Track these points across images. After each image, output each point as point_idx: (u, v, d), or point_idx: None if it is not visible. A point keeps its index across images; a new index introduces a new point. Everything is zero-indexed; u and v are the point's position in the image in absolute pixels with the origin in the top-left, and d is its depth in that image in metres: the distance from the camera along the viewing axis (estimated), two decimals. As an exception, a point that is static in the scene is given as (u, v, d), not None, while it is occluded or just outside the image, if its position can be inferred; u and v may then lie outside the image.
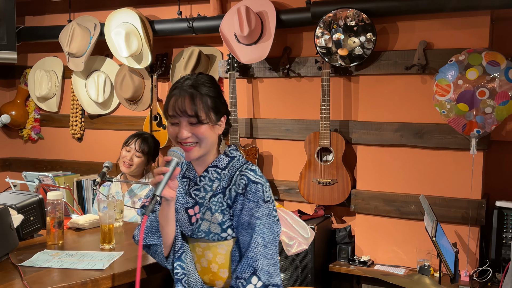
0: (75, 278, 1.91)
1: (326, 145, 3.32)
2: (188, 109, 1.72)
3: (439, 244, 2.51)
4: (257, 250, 1.74)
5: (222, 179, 1.83)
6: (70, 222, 2.72)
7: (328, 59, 3.25)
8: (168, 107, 1.76)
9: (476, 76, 2.76)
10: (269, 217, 1.77)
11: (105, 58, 4.42)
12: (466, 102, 2.78)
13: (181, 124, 1.75)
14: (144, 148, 3.29)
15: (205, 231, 1.82)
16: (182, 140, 1.75)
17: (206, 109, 1.75)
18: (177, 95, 1.74)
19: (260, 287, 1.73)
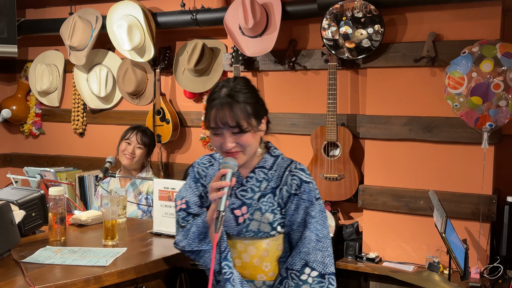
0: (78, 275, 1.92)
1: (333, 139, 3.31)
2: (229, 120, 1.75)
3: (449, 240, 2.50)
4: (309, 245, 1.84)
5: (270, 179, 1.89)
6: (73, 218, 2.73)
7: (335, 51, 3.24)
8: (209, 119, 1.79)
9: (491, 68, 2.74)
10: (322, 214, 1.87)
11: (107, 52, 4.42)
12: (480, 95, 2.76)
13: (224, 135, 1.78)
14: (145, 140, 3.36)
15: (254, 230, 1.88)
16: (228, 150, 1.79)
17: (247, 117, 1.78)
18: (217, 106, 1.76)
19: (316, 276, 1.83)
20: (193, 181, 2.00)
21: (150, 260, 2.15)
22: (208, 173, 1.99)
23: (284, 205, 1.87)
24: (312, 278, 1.83)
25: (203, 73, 3.96)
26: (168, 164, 4.25)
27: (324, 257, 1.85)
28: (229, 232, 1.91)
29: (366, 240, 3.31)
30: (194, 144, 4.17)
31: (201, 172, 2.00)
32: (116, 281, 2.00)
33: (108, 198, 2.41)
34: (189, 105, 4.17)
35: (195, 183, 1.99)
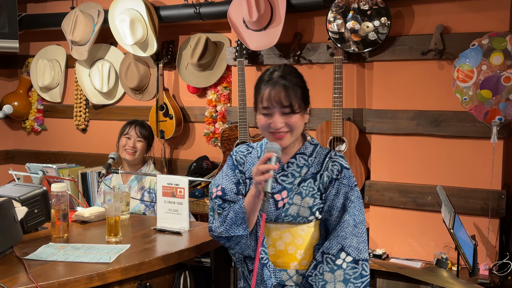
0: (81, 272, 1.93)
1: (338, 134, 3.31)
2: (283, 100, 1.84)
3: (457, 236, 2.49)
4: (347, 229, 1.91)
5: (311, 165, 1.96)
6: (75, 214, 2.74)
7: (341, 45, 3.23)
8: (262, 98, 1.87)
9: (501, 61, 2.72)
10: (359, 200, 1.95)
11: (109, 46, 4.42)
12: (490, 89, 2.75)
13: (274, 114, 1.86)
14: (145, 133, 3.39)
15: (293, 215, 1.93)
16: (276, 130, 1.86)
17: (298, 99, 1.87)
18: (271, 87, 1.85)
19: (350, 261, 1.89)
20: (230, 169, 2.03)
21: (154, 256, 2.15)
22: (246, 161, 2.03)
23: (325, 190, 1.94)
24: (347, 263, 1.89)
25: (206, 67, 3.96)
26: (172, 160, 4.26)
27: (359, 243, 1.91)
28: (267, 217, 1.96)
29: (373, 236, 3.31)
30: (198, 139, 4.17)
31: (240, 160, 2.04)
32: (120, 278, 2.01)
33: (111, 194, 2.42)
34: (192, 100, 4.18)
35: (233, 171, 2.02)
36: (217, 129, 4.01)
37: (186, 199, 2.56)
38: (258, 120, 1.91)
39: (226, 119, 3.94)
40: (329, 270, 1.90)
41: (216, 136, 4.02)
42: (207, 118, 4.03)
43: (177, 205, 2.58)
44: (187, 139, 4.22)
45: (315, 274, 1.92)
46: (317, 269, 1.92)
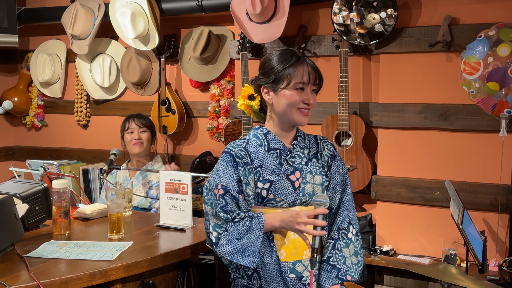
0: (83, 269, 1.94)
1: (344, 129, 3.31)
2: (317, 77, 2.00)
3: (466, 232, 2.49)
4: (350, 203, 2.11)
5: (309, 146, 2.12)
6: (77, 211, 2.75)
7: (346, 37, 3.22)
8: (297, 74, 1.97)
9: (508, 52, 2.71)
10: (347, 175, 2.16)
11: (110, 40, 4.43)
12: (497, 81, 2.74)
13: (305, 90, 1.99)
14: (145, 122, 3.47)
15: (309, 193, 2.04)
16: (306, 106, 1.99)
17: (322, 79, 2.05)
18: (304, 64, 1.98)
19: (355, 234, 2.09)
20: (230, 166, 1.99)
21: (157, 254, 2.16)
22: (250, 150, 2.03)
23: (329, 168, 2.11)
24: (353, 236, 2.09)
25: (209, 61, 3.96)
26: (175, 155, 4.27)
27: (355, 216, 2.14)
28: (287, 200, 2.01)
29: (380, 232, 3.31)
30: (201, 135, 4.18)
31: (241, 153, 2.01)
32: (123, 276, 2.02)
33: (113, 190, 2.43)
34: (195, 95, 4.18)
35: (234, 168, 1.99)
36: (220, 124, 4.01)
37: (189, 195, 2.57)
38: (290, 96, 1.97)
39: (229, 114, 3.94)
40: (345, 245, 2.04)
41: (220, 131, 4.02)
42: (210, 113, 4.04)
43: (180, 202, 2.59)
44: (190, 134, 4.22)
45: (335, 253, 2.02)
46: (335, 247, 2.03)
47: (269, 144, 2.04)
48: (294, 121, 2.01)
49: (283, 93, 1.98)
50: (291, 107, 1.99)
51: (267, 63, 2.03)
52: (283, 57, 2.01)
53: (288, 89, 1.98)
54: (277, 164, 2.02)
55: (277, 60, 2.01)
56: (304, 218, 1.86)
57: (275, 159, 2.02)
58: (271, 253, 1.98)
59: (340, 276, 2.01)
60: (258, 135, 2.06)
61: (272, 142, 2.05)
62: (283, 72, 1.97)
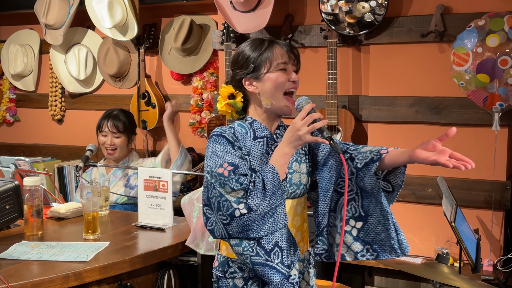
0: (56, 271, 1.92)
1: (333, 123, 3.32)
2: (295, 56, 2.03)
3: (459, 230, 2.51)
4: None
5: None
6: (50, 211, 2.73)
7: (335, 27, 3.23)
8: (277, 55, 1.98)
9: (497, 43, 2.73)
10: None
11: (86, 30, 4.40)
12: (487, 73, 2.76)
13: (288, 70, 2.01)
14: (119, 126, 3.36)
15: (296, 183, 2.01)
16: (293, 85, 2.00)
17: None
18: (282, 44, 2.01)
19: None
20: (229, 145, 1.95)
21: (135, 254, 2.15)
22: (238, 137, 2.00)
23: (308, 151, 2.09)
24: None
25: (191, 52, 3.95)
26: (155, 152, 4.25)
27: None
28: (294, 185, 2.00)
29: (370, 231, 3.32)
30: (183, 130, 4.16)
31: (234, 137, 1.99)
32: (98, 278, 2.01)
33: (88, 188, 2.41)
34: (176, 88, 4.16)
35: (232, 147, 1.96)
36: (203, 119, 4.00)
37: (170, 193, 2.56)
38: (276, 78, 1.97)
39: (213, 108, 3.93)
40: None
41: (203, 126, 4.01)
42: (193, 106, 4.03)
43: (160, 200, 2.58)
44: (171, 129, 4.20)
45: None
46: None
47: (255, 132, 2.03)
48: (281, 108, 2.00)
49: (267, 77, 1.98)
50: (279, 90, 1.98)
51: (240, 56, 2.04)
52: (255, 45, 2.03)
53: (271, 72, 1.98)
54: (264, 153, 2.00)
55: (250, 49, 2.02)
56: (300, 122, 1.86)
57: (262, 148, 2.02)
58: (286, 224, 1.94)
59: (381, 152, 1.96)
60: (243, 124, 2.05)
61: (258, 130, 2.03)
62: (261, 57, 1.99)
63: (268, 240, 1.86)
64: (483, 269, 2.94)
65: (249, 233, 1.84)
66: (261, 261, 1.85)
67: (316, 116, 1.85)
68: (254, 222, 1.84)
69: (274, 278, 1.85)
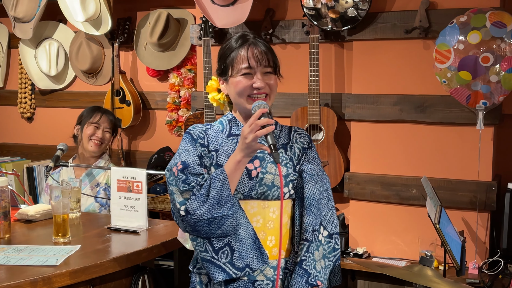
0: (24, 276, 1.91)
1: (315, 122, 3.33)
2: (265, 58, 2.00)
3: (444, 232, 2.53)
4: (323, 202, 2.10)
5: (279, 136, 2.11)
6: (19, 213, 2.71)
7: (317, 22, 3.24)
8: (241, 59, 1.98)
9: (478, 39, 2.76)
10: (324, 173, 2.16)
11: (57, 24, 4.37)
12: (469, 70, 2.79)
13: (255, 74, 1.98)
14: (115, 122, 3.42)
15: (268, 184, 2.01)
16: (257, 91, 1.98)
17: (275, 61, 2.06)
18: (251, 46, 1.99)
19: (326, 236, 2.09)
20: (190, 143, 2.03)
21: (107, 258, 2.15)
22: (208, 134, 2.06)
23: (298, 161, 2.10)
24: (324, 238, 2.09)
25: (168, 47, 3.94)
26: (130, 152, 4.23)
27: (333, 216, 2.14)
28: (240, 189, 1.98)
29: (353, 233, 3.34)
30: (159, 129, 4.15)
31: (199, 134, 2.05)
32: (68, 283, 2.00)
33: (58, 189, 2.39)
34: (152, 85, 4.15)
35: (193, 145, 2.02)
36: (180, 117, 3.99)
37: (145, 194, 2.55)
38: (236, 83, 1.98)
39: (190, 106, 3.92)
40: (316, 247, 2.04)
41: (180, 125, 4.00)
42: (170, 104, 4.01)
43: (134, 201, 2.57)
44: (147, 128, 4.19)
45: (308, 256, 2.02)
46: (309, 250, 2.02)
47: (231, 129, 2.06)
48: (245, 112, 2.01)
49: (231, 81, 2.00)
50: (240, 95, 1.99)
51: (220, 52, 2.07)
52: (231, 43, 2.03)
53: (234, 76, 1.99)
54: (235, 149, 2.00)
55: (225, 46, 2.04)
56: (247, 129, 1.85)
57: (234, 145, 2.03)
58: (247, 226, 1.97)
59: (310, 282, 2.01)
60: (222, 121, 2.10)
61: (234, 128, 2.06)
62: (228, 59, 2.00)
63: (220, 239, 1.94)
64: (468, 272, 2.96)
65: (199, 233, 1.93)
66: (207, 257, 1.94)
67: (261, 123, 1.83)
68: (198, 225, 1.91)
69: (216, 276, 1.92)
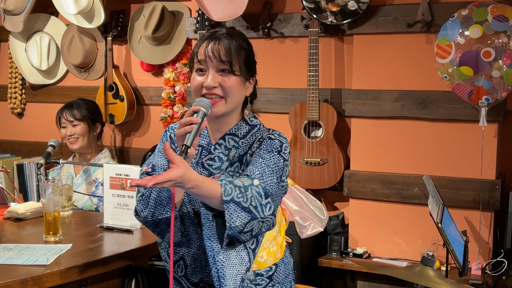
0: (13, 275, 1.91)
1: (314, 118, 3.33)
2: (222, 54, 1.84)
3: (446, 232, 2.54)
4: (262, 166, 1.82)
5: (240, 147, 1.93)
6: (8, 211, 2.71)
7: (317, 15, 3.24)
8: (198, 51, 1.87)
9: (480, 33, 2.76)
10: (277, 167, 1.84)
11: (49, 17, 4.36)
12: (470, 65, 2.79)
13: (209, 71, 1.86)
14: (75, 113, 3.34)
15: None
16: (208, 91, 1.84)
17: (240, 60, 1.87)
18: (211, 39, 1.86)
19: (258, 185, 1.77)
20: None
21: (100, 257, 2.15)
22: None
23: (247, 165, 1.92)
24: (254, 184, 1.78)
25: (163, 41, 3.93)
26: (124, 148, 4.22)
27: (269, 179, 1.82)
28: (195, 207, 1.90)
29: (353, 233, 3.35)
30: (154, 125, 4.15)
31: (174, 137, 1.98)
32: (59, 283, 2.00)
33: (49, 186, 2.39)
34: (147, 80, 4.14)
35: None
36: (175, 113, 3.99)
37: (138, 191, 2.54)
38: (191, 81, 1.89)
39: (186, 101, 3.92)
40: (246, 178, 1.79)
41: (175, 121, 4.00)
42: (164, 100, 4.01)
43: (128, 199, 2.57)
44: (141, 124, 4.19)
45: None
46: None
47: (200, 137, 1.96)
48: None
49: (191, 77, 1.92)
50: (195, 94, 1.88)
51: None
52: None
53: (193, 72, 1.90)
54: (194, 164, 1.94)
55: None
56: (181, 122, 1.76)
57: (195, 158, 1.94)
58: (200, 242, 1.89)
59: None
60: None
61: (200, 136, 1.96)
62: (192, 53, 1.92)
63: (176, 251, 1.92)
64: (471, 273, 2.97)
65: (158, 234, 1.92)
66: (168, 268, 1.94)
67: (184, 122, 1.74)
68: (148, 226, 1.90)
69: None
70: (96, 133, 3.41)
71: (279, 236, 2.07)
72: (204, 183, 1.68)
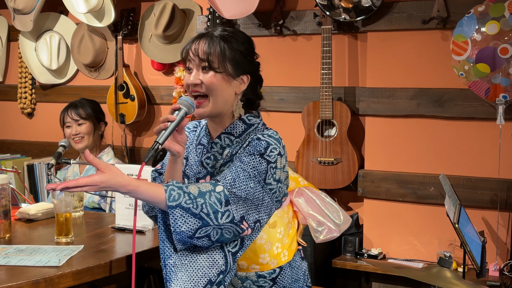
0: (25, 277, 1.92)
1: (328, 117, 3.32)
2: (201, 52, 1.88)
3: (463, 232, 2.53)
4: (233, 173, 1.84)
5: (234, 146, 1.95)
6: (19, 212, 2.72)
7: (330, 12, 3.23)
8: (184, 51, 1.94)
9: (497, 30, 2.75)
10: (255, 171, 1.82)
11: (59, 16, 4.38)
12: (487, 62, 2.78)
13: (193, 70, 1.91)
14: (81, 112, 3.43)
15: None
16: (192, 88, 1.90)
17: (222, 57, 1.89)
18: (202, 38, 1.90)
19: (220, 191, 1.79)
20: None
21: (111, 259, 2.15)
22: (189, 137, 2.06)
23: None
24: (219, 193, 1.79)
25: (173, 39, 3.94)
26: (134, 148, 4.24)
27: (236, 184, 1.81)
28: None
29: (368, 234, 3.34)
30: (165, 124, 4.15)
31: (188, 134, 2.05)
32: (71, 284, 2.00)
33: (60, 187, 2.40)
34: (157, 79, 4.15)
35: None
36: (186, 112, 4.00)
37: (150, 192, 2.55)
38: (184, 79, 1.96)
39: (197, 100, 3.92)
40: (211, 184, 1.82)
41: (186, 120, 4.01)
42: (175, 99, 4.02)
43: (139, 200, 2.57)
44: (152, 124, 4.20)
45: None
46: None
47: (201, 137, 2.03)
48: None
49: None
50: (188, 93, 1.95)
51: None
52: None
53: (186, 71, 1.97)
54: (197, 162, 1.99)
55: None
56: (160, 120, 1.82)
57: (199, 156, 2.00)
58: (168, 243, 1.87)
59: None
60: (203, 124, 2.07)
61: (203, 136, 2.02)
62: None
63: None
64: (488, 274, 2.96)
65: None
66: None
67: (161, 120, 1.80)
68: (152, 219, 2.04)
69: None
70: (100, 132, 3.50)
71: (286, 238, 2.07)
72: (140, 188, 1.77)
